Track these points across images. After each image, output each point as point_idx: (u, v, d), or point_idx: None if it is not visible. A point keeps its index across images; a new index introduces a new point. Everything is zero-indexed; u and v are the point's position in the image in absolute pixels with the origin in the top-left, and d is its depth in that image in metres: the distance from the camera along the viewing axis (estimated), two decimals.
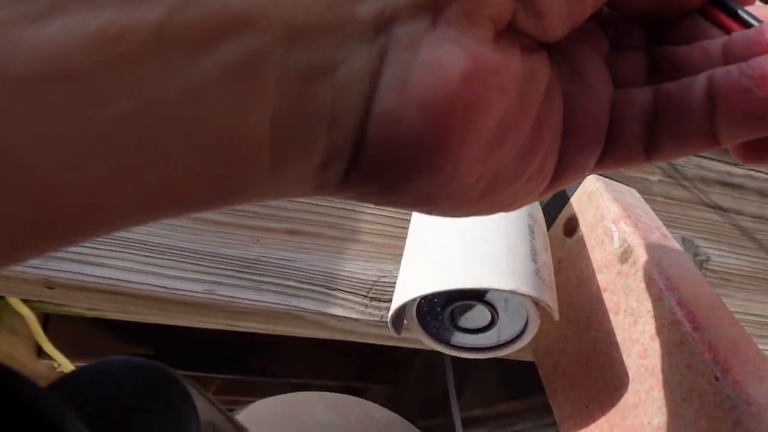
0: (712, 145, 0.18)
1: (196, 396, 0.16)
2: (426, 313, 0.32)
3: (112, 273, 0.37)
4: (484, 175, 0.17)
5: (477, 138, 0.16)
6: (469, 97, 0.15)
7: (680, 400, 0.27)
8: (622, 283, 0.32)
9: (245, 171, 0.14)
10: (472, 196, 0.17)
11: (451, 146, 0.16)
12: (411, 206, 0.18)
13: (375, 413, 0.31)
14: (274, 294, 0.38)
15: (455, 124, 0.15)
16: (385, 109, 0.15)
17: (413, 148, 0.15)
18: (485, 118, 0.16)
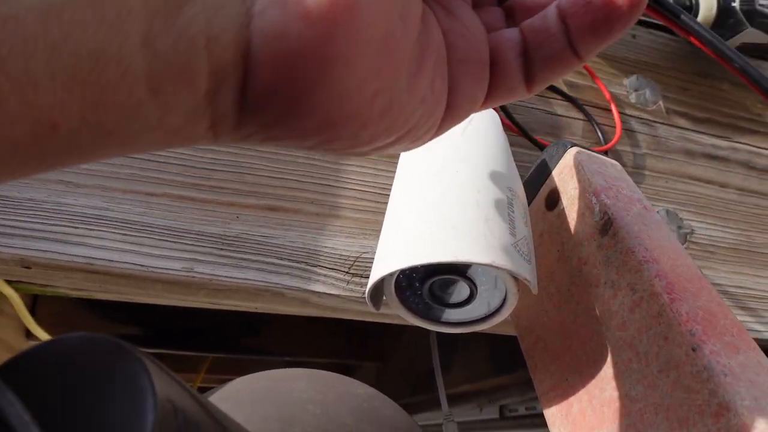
0: (576, 61, 0.21)
1: (154, 372, 0.15)
2: (405, 288, 0.32)
3: (90, 252, 0.36)
4: (380, 89, 0.18)
5: (365, 46, 0.16)
6: (349, 3, 0.15)
7: (657, 372, 0.27)
8: (602, 255, 0.32)
9: (120, 97, 0.13)
10: (371, 114, 0.18)
11: (341, 54, 0.16)
12: (314, 135, 0.18)
13: (355, 389, 0.31)
14: (254, 271, 0.38)
15: (341, 31, 0.15)
16: (269, 25, 0.15)
17: (304, 60, 0.15)
18: (369, 25, 0.16)
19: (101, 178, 0.38)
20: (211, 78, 0.15)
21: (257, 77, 0.15)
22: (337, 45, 0.15)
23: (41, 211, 0.36)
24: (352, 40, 0.16)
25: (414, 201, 0.31)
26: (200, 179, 0.40)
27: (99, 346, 0.15)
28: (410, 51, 0.18)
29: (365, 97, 0.17)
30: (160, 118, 0.15)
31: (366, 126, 0.18)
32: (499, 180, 0.32)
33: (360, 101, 0.17)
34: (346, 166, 0.43)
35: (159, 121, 0.15)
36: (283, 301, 0.40)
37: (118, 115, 0.14)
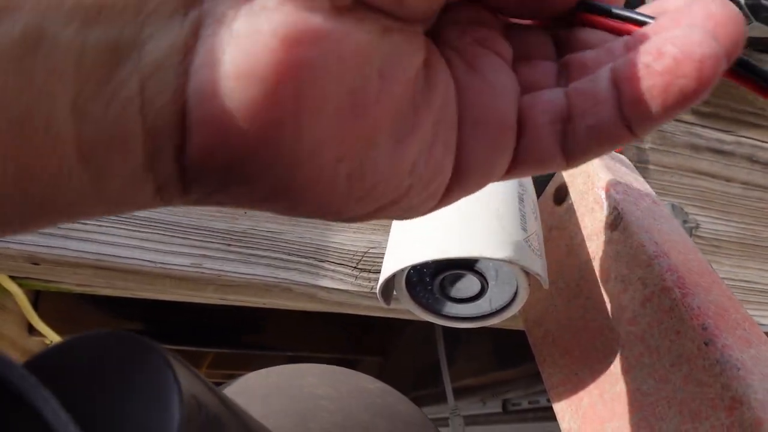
0: (627, 135, 0.17)
1: (178, 369, 0.15)
2: (416, 284, 0.32)
3: (99, 248, 0.36)
4: (343, 156, 0.16)
5: (317, 107, 0.15)
6: (294, 61, 0.14)
7: (669, 366, 0.27)
8: (612, 250, 0.32)
9: (49, 167, 0.13)
10: (334, 183, 0.16)
11: (285, 117, 0.14)
12: (266, 202, 0.16)
13: (367, 384, 0.31)
14: (263, 267, 0.38)
15: (284, 92, 0.14)
16: (200, 86, 0.14)
17: (241, 124, 0.14)
18: (323, 86, 0.15)
19: None
20: (147, 143, 0.14)
21: (191, 142, 0.14)
22: (279, 108, 0.14)
23: None
24: (300, 102, 0.14)
25: None
26: None
27: (123, 343, 0.15)
28: (394, 113, 0.16)
29: (324, 164, 0.15)
30: (95, 186, 0.14)
31: (330, 195, 0.16)
32: None
33: (316, 169, 0.15)
34: None
35: (94, 190, 0.14)
36: (291, 296, 0.40)
37: (47, 185, 0.13)
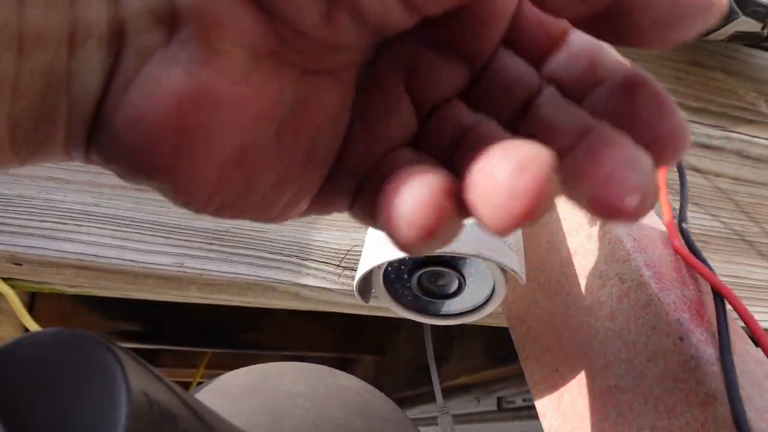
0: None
1: (129, 365, 0.15)
2: (394, 281, 0.32)
3: (80, 248, 0.36)
4: (214, 199, 0.17)
5: (200, 160, 0.16)
6: (181, 121, 0.15)
7: (646, 362, 0.27)
8: (591, 246, 0.32)
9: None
10: (206, 208, 0.18)
11: (163, 166, 0.16)
12: (155, 188, 0.18)
13: (345, 382, 0.31)
14: (245, 266, 0.38)
15: (163, 147, 0.15)
16: (105, 120, 0.15)
17: (130, 159, 0.16)
18: (210, 145, 0.16)
19: (90, 174, 0.38)
20: (66, 144, 0.16)
21: (100, 152, 0.16)
22: (161, 158, 0.16)
23: (31, 207, 0.36)
24: (179, 157, 0.16)
25: None
26: None
27: (72, 341, 0.15)
28: (282, 167, 0.18)
29: (195, 198, 0.17)
30: (21, 164, 0.16)
31: (201, 208, 0.18)
32: None
33: (188, 198, 0.17)
34: None
35: (20, 165, 0.16)
36: (275, 295, 0.40)
37: None
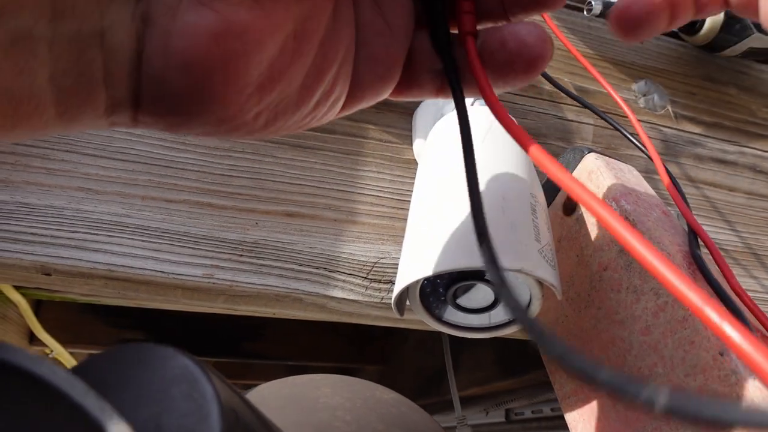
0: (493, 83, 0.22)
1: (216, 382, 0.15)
2: (429, 294, 0.32)
3: (111, 258, 0.36)
4: (262, 111, 0.20)
5: (241, 85, 0.18)
6: (222, 55, 0.17)
7: (684, 376, 0.27)
8: (623, 260, 0.32)
9: (32, 121, 0.16)
10: (256, 126, 0.20)
11: (215, 97, 0.18)
12: (205, 136, 0.20)
13: (381, 394, 0.31)
14: (274, 277, 0.38)
15: (214, 79, 0.18)
16: (152, 71, 0.17)
17: (182, 100, 0.18)
18: (246, 69, 0.18)
19: (120, 184, 0.38)
20: (108, 103, 0.18)
21: (146, 106, 0.18)
22: (212, 91, 0.18)
23: (61, 217, 0.36)
24: (227, 86, 0.18)
25: (437, 207, 0.31)
26: (218, 186, 0.40)
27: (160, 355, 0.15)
28: (306, 68, 0.20)
29: (247, 119, 0.19)
30: (65, 127, 0.18)
31: (254, 132, 0.20)
32: (521, 186, 0.32)
33: (241, 122, 0.19)
34: (362, 172, 0.43)
35: (65, 128, 0.18)
36: (302, 306, 0.40)
37: (28, 130, 0.17)
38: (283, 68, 0.19)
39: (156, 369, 0.15)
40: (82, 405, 0.11)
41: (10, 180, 0.36)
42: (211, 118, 0.19)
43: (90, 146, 0.39)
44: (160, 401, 0.14)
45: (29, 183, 0.37)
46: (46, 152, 0.38)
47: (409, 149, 0.45)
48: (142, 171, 0.39)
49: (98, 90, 0.17)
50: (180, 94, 0.18)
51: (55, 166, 0.38)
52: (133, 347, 0.15)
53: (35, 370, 0.12)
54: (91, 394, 0.11)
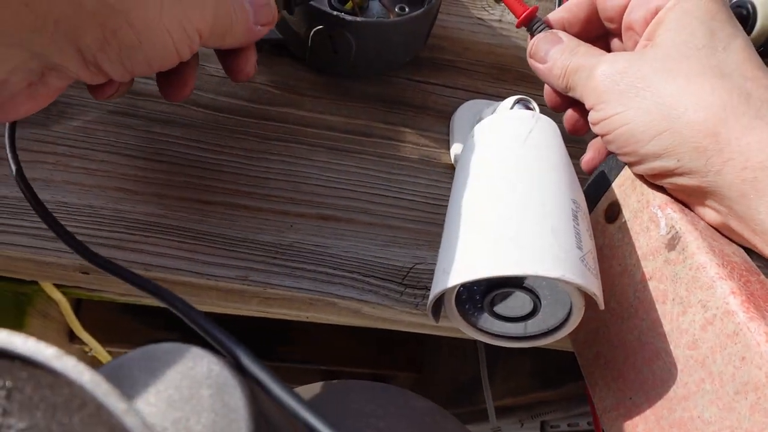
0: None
1: (246, 384, 0.15)
2: (465, 301, 0.31)
3: (147, 258, 0.36)
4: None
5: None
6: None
7: (734, 394, 0.26)
8: (669, 271, 0.31)
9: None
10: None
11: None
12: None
13: (414, 402, 0.30)
14: (308, 280, 0.38)
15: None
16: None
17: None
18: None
19: (157, 185, 0.38)
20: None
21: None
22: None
23: (100, 217, 0.37)
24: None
25: (476, 212, 0.31)
26: (254, 188, 0.40)
27: (191, 355, 0.15)
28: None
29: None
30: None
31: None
32: (562, 192, 0.31)
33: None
34: (398, 175, 0.43)
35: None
36: (335, 311, 0.39)
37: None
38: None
39: (186, 369, 0.15)
40: (105, 405, 0.11)
41: (51, 179, 0.37)
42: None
43: (129, 147, 0.39)
44: (190, 402, 0.14)
45: (69, 183, 0.37)
46: (86, 153, 0.38)
47: (446, 153, 0.45)
48: (179, 172, 0.39)
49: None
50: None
51: (94, 167, 0.38)
52: (164, 347, 0.15)
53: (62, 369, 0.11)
54: (115, 394, 0.11)
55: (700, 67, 0.30)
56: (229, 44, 0.32)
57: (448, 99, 0.47)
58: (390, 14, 0.44)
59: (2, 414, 0.11)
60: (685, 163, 0.29)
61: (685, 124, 0.29)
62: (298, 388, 0.35)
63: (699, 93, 0.29)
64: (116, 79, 0.27)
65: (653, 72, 0.30)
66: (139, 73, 0.27)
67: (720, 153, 0.28)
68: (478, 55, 0.50)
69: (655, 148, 0.30)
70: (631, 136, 0.31)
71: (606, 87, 0.32)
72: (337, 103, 0.45)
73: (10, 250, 0.35)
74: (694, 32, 0.30)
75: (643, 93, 0.30)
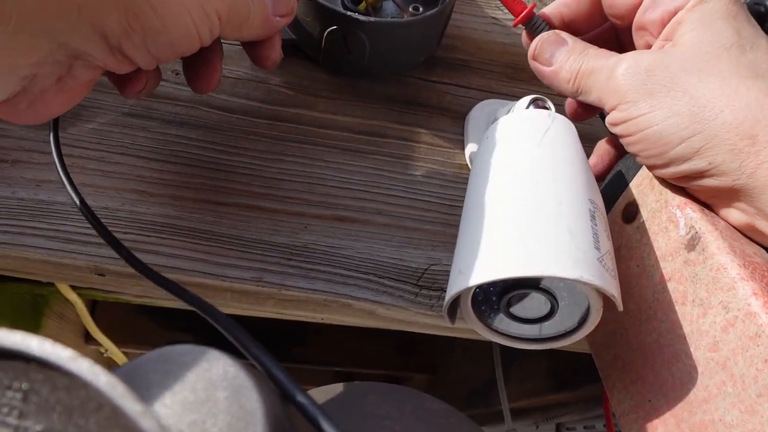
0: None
1: (262, 388, 0.15)
2: (481, 302, 0.31)
3: (162, 260, 0.37)
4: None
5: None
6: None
7: (756, 396, 0.26)
8: (689, 272, 0.30)
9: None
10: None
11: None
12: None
13: (429, 404, 0.30)
14: (322, 282, 0.38)
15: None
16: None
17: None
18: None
19: (173, 187, 0.39)
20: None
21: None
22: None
23: (115, 219, 0.37)
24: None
25: (491, 213, 0.30)
26: (269, 189, 0.40)
27: (207, 357, 0.15)
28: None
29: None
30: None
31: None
32: (579, 192, 0.31)
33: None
34: (413, 177, 0.42)
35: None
36: (350, 312, 0.39)
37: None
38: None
39: (202, 371, 0.15)
40: (121, 407, 0.10)
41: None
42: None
43: (144, 149, 0.39)
44: (206, 404, 0.14)
45: (85, 185, 0.37)
46: (102, 155, 0.39)
47: (460, 154, 0.44)
48: (195, 174, 0.39)
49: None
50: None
51: (110, 169, 0.38)
52: (180, 349, 0.15)
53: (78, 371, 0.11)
54: (131, 396, 0.11)
55: (734, 67, 0.29)
56: (247, 35, 0.32)
57: (462, 99, 0.47)
58: (404, 14, 0.44)
59: (19, 416, 0.11)
60: (718, 165, 0.29)
61: (720, 126, 0.28)
62: (313, 390, 0.35)
63: (734, 94, 0.28)
64: (142, 65, 0.27)
65: (683, 71, 0.29)
66: (164, 58, 0.27)
67: (756, 155, 0.27)
68: (492, 55, 0.50)
69: (685, 150, 0.29)
70: (660, 138, 0.30)
71: (631, 87, 0.31)
72: (351, 104, 0.45)
73: (28, 251, 0.35)
74: (719, 32, 0.30)
75: (674, 93, 0.29)
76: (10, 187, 0.37)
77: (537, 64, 0.36)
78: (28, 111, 0.27)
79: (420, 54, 0.45)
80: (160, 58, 0.27)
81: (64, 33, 0.24)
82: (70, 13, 0.23)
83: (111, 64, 0.26)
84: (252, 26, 0.31)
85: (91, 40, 0.24)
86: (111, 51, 0.25)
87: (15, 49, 0.23)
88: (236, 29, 0.30)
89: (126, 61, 0.26)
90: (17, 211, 0.36)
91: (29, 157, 0.38)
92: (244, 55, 0.36)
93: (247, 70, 0.44)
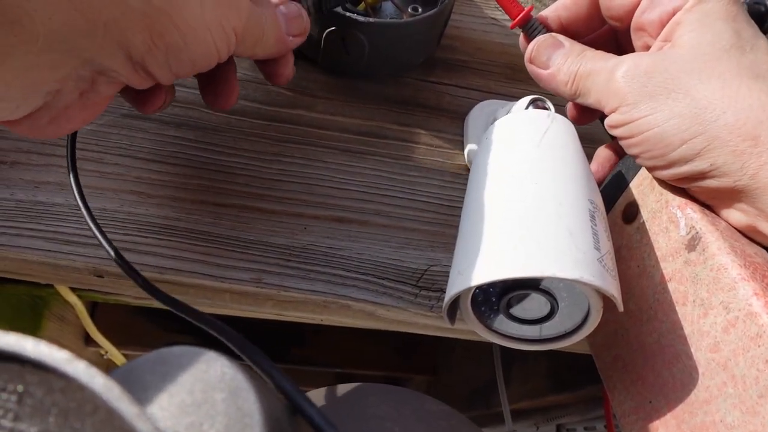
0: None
1: (260, 389, 0.15)
2: (481, 303, 0.31)
3: (160, 261, 0.36)
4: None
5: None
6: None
7: (758, 397, 0.25)
8: (690, 272, 0.30)
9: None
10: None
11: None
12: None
13: (429, 406, 0.30)
14: (322, 283, 0.37)
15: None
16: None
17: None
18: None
19: (171, 188, 0.38)
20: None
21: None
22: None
23: (113, 220, 0.37)
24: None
25: (491, 214, 0.30)
26: (268, 190, 0.40)
27: (204, 358, 0.15)
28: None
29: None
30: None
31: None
32: (579, 192, 0.31)
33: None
34: (412, 177, 0.42)
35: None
36: (349, 313, 0.39)
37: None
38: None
39: (199, 373, 0.14)
40: (117, 409, 0.10)
41: (64, 183, 0.37)
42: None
43: (142, 151, 0.39)
44: (203, 406, 0.14)
45: (83, 186, 0.37)
46: (99, 156, 0.38)
47: (460, 154, 0.44)
48: (193, 175, 0.39)
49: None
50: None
51: (108, 170, 0.38)
52: (177, 350, 0.15)
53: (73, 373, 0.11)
54: (127, 398, 0.11)
55: (734, 68, 0.29)
56: (261, 53, 0.32)
57: (461, 100, 0.47)
58: (403, 15, 0.44)
59: (14, 419, 0.11)
60: (720, 166, 0.28)
61: (721, 127, 0.28)
62: (313, 392, 0.35)
63: (736, 95, 0.28)
64: (162, 81, 0.28)
65: (684, 73, 0.29)
66: (184, 74, 0.28)
67: (759, 156, 0.27)
68: (491, 56, 0.50)
69: (687, 152, 0.29)
70: (661, 140, 0.30)
71: (631, 88, 0.31)
72: (350, 105, 0.45)
73: (26, 253, 0.35)
74: (719, 33, 0.30)
75: (675, 95, 0.29)
76: (8, 188, 0.37)
77: (534, 67, 0.36)
78: (49, 126, 0.27)
79: (419, 55, 0.45)
80: (180, 74, 0.28)
81: (89, 50, 0.24)
82: (96, 31, 0.23)
83: (133, 79, 0.27)
84: (266, 45, 0.32)
85: (116, 57, 0.25)
86: (134, 67, 0.26)
87: (41, 66, 0.23)
88: (250, 47, 0.31)
89: (148, 77, 0.27)
90: (15, 212, 0.36)
91: (28, 159, 0.38)
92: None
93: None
